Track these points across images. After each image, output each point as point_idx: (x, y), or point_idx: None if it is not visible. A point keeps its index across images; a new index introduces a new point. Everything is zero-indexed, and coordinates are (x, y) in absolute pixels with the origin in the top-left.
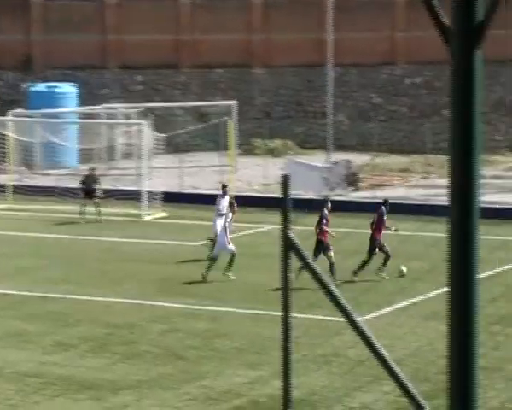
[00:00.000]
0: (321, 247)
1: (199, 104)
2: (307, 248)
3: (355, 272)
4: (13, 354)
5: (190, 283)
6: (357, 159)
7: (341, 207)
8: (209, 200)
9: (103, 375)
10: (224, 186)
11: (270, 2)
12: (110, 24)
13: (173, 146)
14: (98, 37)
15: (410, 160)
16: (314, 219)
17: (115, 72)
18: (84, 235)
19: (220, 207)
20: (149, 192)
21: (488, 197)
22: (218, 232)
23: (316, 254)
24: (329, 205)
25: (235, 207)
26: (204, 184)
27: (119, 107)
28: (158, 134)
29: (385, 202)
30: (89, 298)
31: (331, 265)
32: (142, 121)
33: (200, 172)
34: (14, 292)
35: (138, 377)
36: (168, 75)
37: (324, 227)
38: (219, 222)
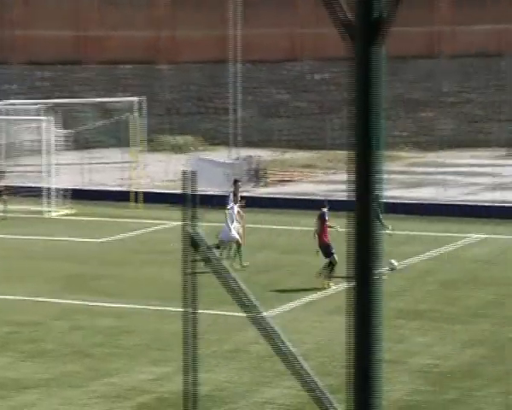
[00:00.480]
0: (329, 249)
1: (103, 100)
2: (210, 244)
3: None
4: None
5: (95, 280)
6: (264, 155)
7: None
8: (115, 196)
9: (6, 373)
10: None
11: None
12: (16, 19)
13: (80, 143)
14: (3, 32)
15: (315, 155)
16: (217, 215)
17: (20, 67)
18: None
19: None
20: (55, 189)
21: (391, 192)
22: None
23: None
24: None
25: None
26: (109, 180)
27: (23, 102)
28: (63, 130)
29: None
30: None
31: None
32: (45, 117)
33: (104, 168)
34: None
35: (44, 376)
36: (73, 71)
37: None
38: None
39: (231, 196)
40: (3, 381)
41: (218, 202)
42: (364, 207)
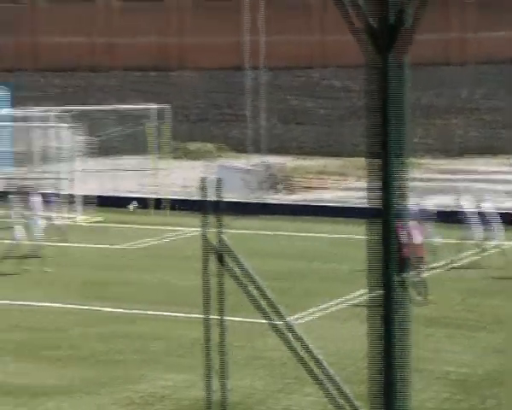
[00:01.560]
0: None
1: (126, 107)
2: (231, 251)
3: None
4: None
5: (118, 286)
6: (284, 161)
7: (266, 210)
8: (138, 203)
9: (24, 380)
10: None
11: (186, 5)
12: (26, 24)
13: (103, 149)
14: (15, 37)
15: (335, 162)
16: (239, 222)
17: (36, 74)
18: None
19: None
20: (80, 196)
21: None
22: None
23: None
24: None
25: None
26: (132, 187)
27: (39, 109)
28: (86, 137)
29: None
30: (8, 302)
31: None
32: (65, 124)
33: (127, 175)
34: None
35: (60, 382)
36: (91, 77)
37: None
38: None
39: None
40: (23, 388)
41: (238, 209)
42: (386, 214)
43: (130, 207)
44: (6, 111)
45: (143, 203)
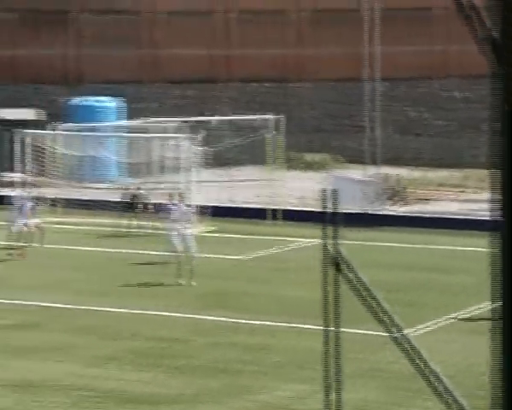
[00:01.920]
0: None
1: (241, 118)
2: (349, 262)
3: None
4: (55, 367)
5: (234, 297)
6: (401, 173)
7: (382, 221)
8: (253, 213)
9: (144, 389)
10: None
11: (306, 17)
12: (148, 38)
13: (219, 160)
14: (138, 51)
15: (454, 174)
16: (357, 234)
17: (155, 86)
18: (126, 248)
19: None
20: (196, 206)
21: None
22: None
23: None
24: None
25: None
26: (247, 197)
27: (160, 120)
28: (201, 148)
29: None
30: (129, 311)
31: None
32: (184, 135)
33: (243, 186)
34: (56, 305)
35: (180, 391)
36: (208, 89)
37: None
38: None
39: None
40: (141, 396)
41: (355, 220)
42: (510, 226)
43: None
44: (123, 123)
45: (259, 214)
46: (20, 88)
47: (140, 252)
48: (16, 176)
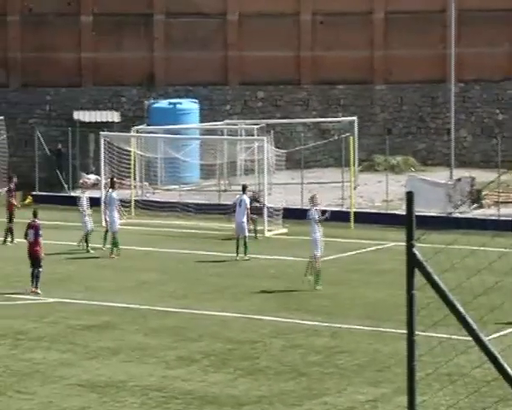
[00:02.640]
0: None
1: (320, 120)
2: (432, 266)
3: None
4: (136, 368)
5: (311, 299)
6: (481, 175)
7: (465, 224)
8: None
9: (225, 390)
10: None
11: (391, 18)
12: (231, 41)
13: (294, 162)
14: (219, 53)
15: None
16: (439, 236)
17: (236, 88)
18: (204, 250)
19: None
20: (270, 208)
21: None
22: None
23: None
24: None
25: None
26: (324, 200)
27: (241, 123)
28: (278, 150)
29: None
30: (208, 313)
31: None
32: (263, 137)
33: (320, 188)
34: (136, 306)
35: (260, 393)
36: (289, 91)
37: None
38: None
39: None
40: (223, 397)
41: (435, 224)
42: None
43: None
44: (204, 125)
45: (338, 216)
46: (104, 91)
47: (221, 254)
48: (95, 177)
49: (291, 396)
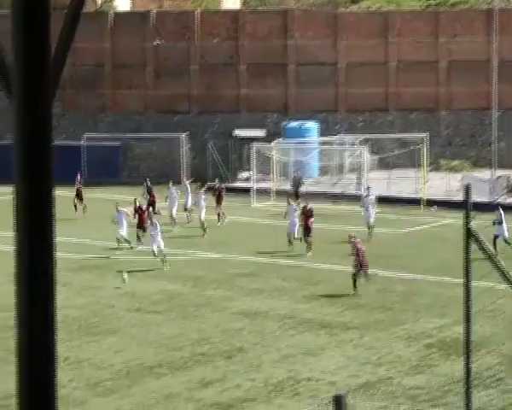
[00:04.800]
0: None
1: (401, 136)
2: (483, 236)
3: None
4: (275, 303)
5: (395, 257)
6: None
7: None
8: (409, 201)
9: (336, 318)
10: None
11: (452, 65)
12: (341, 81)
13: (383, 164)
14: (332, 90)
15: None
16: (486, 216)
17: (344, 114)
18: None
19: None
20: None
21: None
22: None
23: None
24: None
25: None
26: (405, 190)
27: (347, 137)
28: (373, 155)
29: None
30: (326, 266)
31: None
32: (362, 147)
33: (401, 181)
34: (275, 260)
35: (360, 321)
36: (379, 116)
37: None
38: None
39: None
40: (334, 323)
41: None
42: None
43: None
44: (322, 138)
45: (413, 202)
46: (254, 115)
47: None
48: (248, 174)
49: (382, 324)
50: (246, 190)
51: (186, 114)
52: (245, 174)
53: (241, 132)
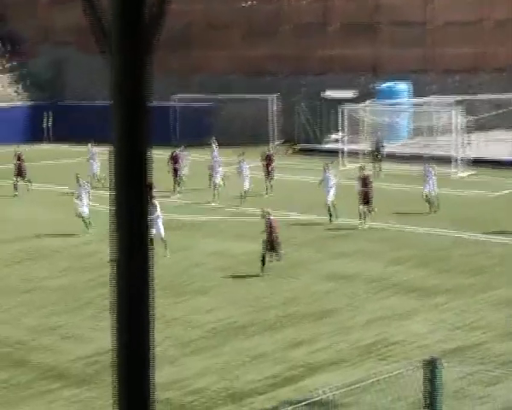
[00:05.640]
0: None
1: (494, 96)
2: None
3: None
4: (363, 265)
5: (481, 221)
6: None
7: None
8: (506, 164)
9: (424, 282)
10: None
11: None
12: (429, 41)
13: (478, 125)
14: (423, 49)
15: None
16: None
17: (435, 75)
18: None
19: None
20: (461, 157)
21: None
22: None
23: None
24: None
25: None
26: (503, 152)
27: (440, 98)
28: (467, 117)
29: None
30: (412, 228)
31: None
32: (454, 108)
33: (498, 143)
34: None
35: (448, 286)
36: (471, 79)
37: None
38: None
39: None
40: (423, 287)
41: None
42: None
43: None
44: (411, 100)
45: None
46: (344, 76)
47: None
48: (338, 136)
49: (465, 288)
50: (335, 152)
51: (276, 75)
52: (334, 136)
53: (331, 93)
